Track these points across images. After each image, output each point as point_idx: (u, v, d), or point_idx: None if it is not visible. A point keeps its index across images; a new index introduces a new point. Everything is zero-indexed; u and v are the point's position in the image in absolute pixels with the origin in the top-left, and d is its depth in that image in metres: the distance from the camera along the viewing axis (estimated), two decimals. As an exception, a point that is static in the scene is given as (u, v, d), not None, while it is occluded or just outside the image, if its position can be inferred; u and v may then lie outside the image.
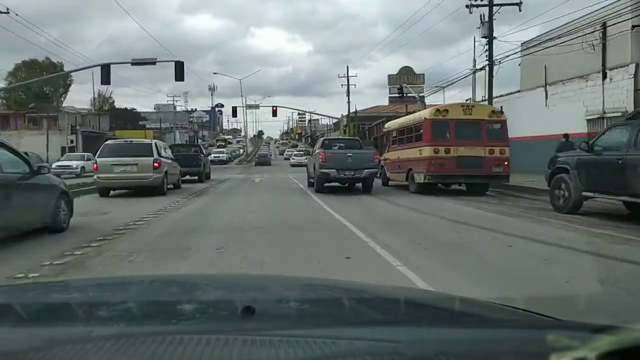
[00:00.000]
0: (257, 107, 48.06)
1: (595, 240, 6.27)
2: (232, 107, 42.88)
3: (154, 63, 24.95)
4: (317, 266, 4.79)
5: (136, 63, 24.68)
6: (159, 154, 13.56)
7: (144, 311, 1.11)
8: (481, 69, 21.30)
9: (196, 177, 19.65)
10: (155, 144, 13.83)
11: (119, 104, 72.79)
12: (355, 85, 54.37)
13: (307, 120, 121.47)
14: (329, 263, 4.94)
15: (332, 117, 53.52)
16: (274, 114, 41.93)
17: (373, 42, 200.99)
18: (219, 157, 44.91)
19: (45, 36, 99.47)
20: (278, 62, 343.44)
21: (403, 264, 4.81)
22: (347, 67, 47.98)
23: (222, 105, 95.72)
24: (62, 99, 61.46)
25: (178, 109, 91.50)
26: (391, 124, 17.16)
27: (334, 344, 0.82)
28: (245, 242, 6.11)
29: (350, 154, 13.38)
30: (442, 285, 3.99)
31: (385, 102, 52.30)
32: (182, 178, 18.19)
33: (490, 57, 20.55)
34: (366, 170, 13.29)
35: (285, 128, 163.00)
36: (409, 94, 42.71)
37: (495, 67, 20.85)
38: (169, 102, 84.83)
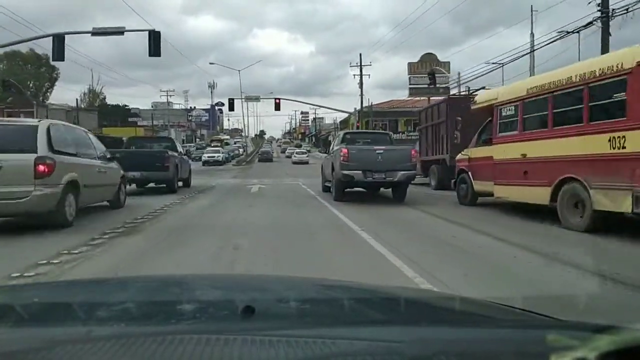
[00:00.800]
0: (257, 99, 41.70)
1: None
2: (229, 99, 36.40)
3: (122, 33, 20.34)
4: None
5: (97, 33, 20.45)
6: (52, 148, 6.80)
7: (143, 311, 1.10)
8: (588, 25, 14.51)
9: (164, 186, 13.24)
10: (48, 129, 6.99)
11: (119, 102, 68.50)
12: (369, 75, 48.93)
13: (310, 120, 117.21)
14: None
15: (344, 112, 47.26)
16: (277, 107, 35.34)
17: (375, 42, 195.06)
18: (213, 157, 39.30)
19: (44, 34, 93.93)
20: (280, 62, 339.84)
21: None
22: (360, 54, 41.99)
23: (223, 104, 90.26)
24: (48, 94, 55.99)
25: (177, 107, 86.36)
26: (501, 92, 9.07)
27: (333, 344, 0.80)
28: None
29: (381, 151, 10.45)
30: None
31: (398, 98, 49.01)
32: (147, 186, 13.64)
33: (604, 4, 13.84)
34: (401, 173, 10.33)
35: (288, 128, 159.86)
36: (440, 84, 36.58)
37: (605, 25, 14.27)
38: (165, 99, 79.28)
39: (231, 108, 36.14)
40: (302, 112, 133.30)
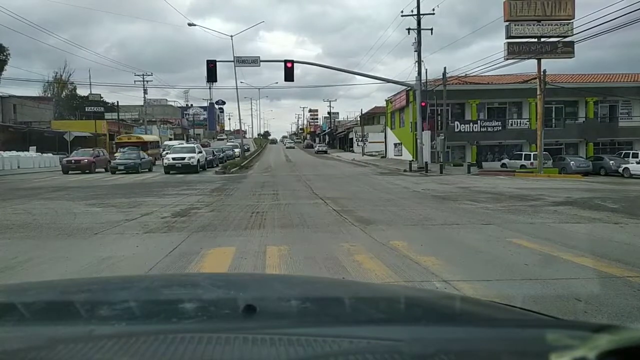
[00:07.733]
0: (255, 62, 27.23)
1: None
2: (208, 62, 24.76)
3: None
4: None
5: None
6: None
7: (145, 310, 1.11)
8: None
9: None
10: None
11: (114, 100, 63.29)
12: (432, 29, 30.45)
13: (320, 118, 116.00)
14: None
15: (400, 83, 31.12)
16: (288, 75, 24.65)
17: (383, 45, 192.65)
18: (182, 159, 25.59)
19: (55, 37, 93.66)
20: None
21: None
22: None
23: (224, 102, 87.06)
24: (-1, 79, 43.69)
25: (173, 104, 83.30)
26: None
27: (334, 343, 0.81)
28: None
29: None
30: None
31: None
32: None
33: None
34: None
35: (294, 129, 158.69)
36: (553, 34, 24.22)
37: None
38: (161, 97, 75.99)
39: (211, 77, 24.68)
40: (310, 110, 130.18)
